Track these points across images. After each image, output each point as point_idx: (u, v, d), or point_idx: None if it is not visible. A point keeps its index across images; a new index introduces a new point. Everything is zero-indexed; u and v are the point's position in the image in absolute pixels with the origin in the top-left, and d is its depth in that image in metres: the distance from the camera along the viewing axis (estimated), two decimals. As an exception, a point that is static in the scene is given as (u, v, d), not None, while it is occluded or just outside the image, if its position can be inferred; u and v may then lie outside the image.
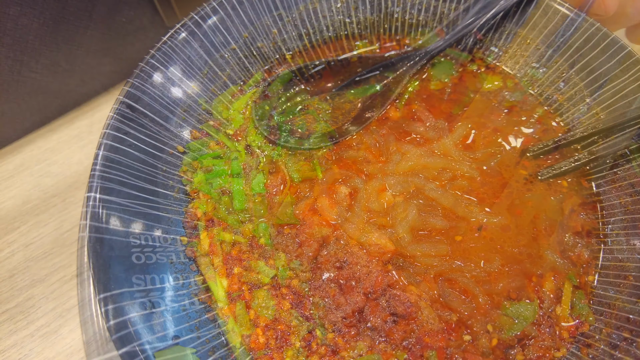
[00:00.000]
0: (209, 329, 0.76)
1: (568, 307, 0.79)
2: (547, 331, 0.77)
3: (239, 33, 0.99)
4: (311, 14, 1.06)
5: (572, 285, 0.81)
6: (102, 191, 0.75)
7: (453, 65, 1.07)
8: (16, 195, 1.09)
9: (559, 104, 0.99)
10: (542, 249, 0.85)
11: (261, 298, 0.79)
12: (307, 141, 0.95)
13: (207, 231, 0.85)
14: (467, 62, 1.07)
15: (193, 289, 0.79)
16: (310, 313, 0.79)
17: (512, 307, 0.79)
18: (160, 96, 0.89)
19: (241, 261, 0.83)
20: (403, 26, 1.09)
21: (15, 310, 0.94)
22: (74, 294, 0.96)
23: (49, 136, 1.19)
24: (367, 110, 1.00)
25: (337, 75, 1.03)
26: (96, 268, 0.69)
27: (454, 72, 1.06)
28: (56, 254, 1.01)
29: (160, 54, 0.89)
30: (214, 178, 0.89)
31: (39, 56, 1.08)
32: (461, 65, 1.07)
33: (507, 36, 1.03)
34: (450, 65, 1.07)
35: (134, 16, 1.18)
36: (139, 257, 0.75)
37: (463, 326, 0.79)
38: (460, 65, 1.07)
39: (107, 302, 0.67)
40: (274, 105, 1.00)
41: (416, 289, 0.81)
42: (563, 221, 0.88)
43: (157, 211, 0.82)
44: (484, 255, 0.84)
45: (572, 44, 0.95)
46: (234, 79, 1.01)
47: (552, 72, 0.99)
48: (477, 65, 1.07)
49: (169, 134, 0.89)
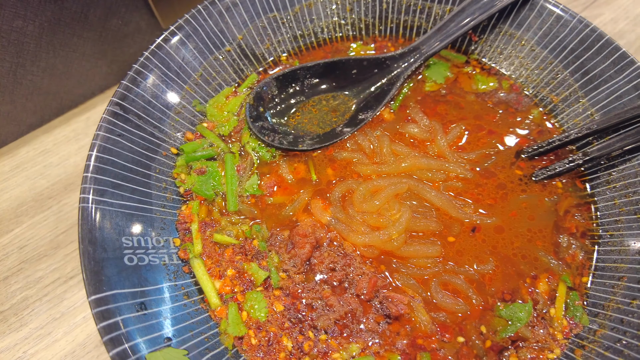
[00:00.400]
0: (202, 330, 0.75)
1: (562, 308, 0.79)
2: (541, 333, 0.77)
3: (234, 35, 1.00)
4: (306, 16, 1.06)
5: (566, 286, 0.81)
6: (95, 193, 0.75)
7: (448, 66, 1.07)
8: (11, 197, 1.09)
9: (554, 105, 0.99)
10: (536, 250, 0.84)
11: (253, 300, 0.79)
12: (301, 143, 0.95)
13: (200, 233, 0.85)
14: (462, 63, 1.07)
15: (186, 290, 0.79)
16: (302, 315, 0.79)
17: (506, 308, 0.79)
18: (153, 97, 0.89)
19: (234, 263, 0.83)
20: (398, 28, 1.10)
21: (8, 312, 0.94)
22: (68, 296, 0.96)
23: (45, 138, 1.19)
24: (361, 112, 1.00)
25: (331, 77, 1.03)
26: (88, 270, 0.69)
27: (449, 73, 1.06)
28: (51, 256, 1.01)
29: (153, 55, 0.89)
30: (207, 180, 0.89)
31: (37, 59, 1.08)
32: (456, 66, 1.07)
33: (502, 37, 1.03)
34: (445, 66, 1.07)
35: (130, 18, 1.18)
36: (131, 258, 0.75)
37: (456, 328, 0.78)
38: (455, 67, 1.07)
39: (99, 304, 0.66)
40: (268, 106, 1.00)
41: (409, 291, 0.81)
42: (558, 222, 0.87)
43: (150, 213, 0.82)
44: (478, 256, 0.84)
45: (567, 45, 0.95)
46: (228, 80, 1.01)
47: (547, 73, 0.99)
48: (472, 67, 1.07)
49: (162, 135, 0.89)
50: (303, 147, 0.94)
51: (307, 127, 0.99)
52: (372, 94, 1.02)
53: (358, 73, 1.02)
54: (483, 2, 0.97)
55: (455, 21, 0.98)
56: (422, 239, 0.86)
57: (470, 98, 1.02)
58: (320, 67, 1.00)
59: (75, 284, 0.98)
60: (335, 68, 1.01)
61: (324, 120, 1.00)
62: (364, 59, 1.01)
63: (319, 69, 1.00)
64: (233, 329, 0.77)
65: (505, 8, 0.99)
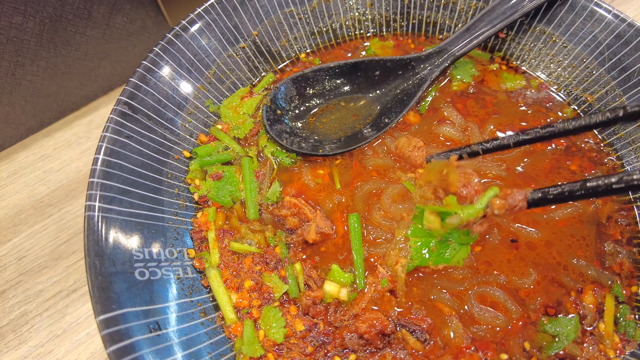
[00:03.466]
0: (222, 352, 0.69)
1: (612, 323, 0.72)
2: (591, 350, 0.70)
3: (248, 31, 0.94)
4: (324, 11, 1.00)
5: (614, 298, 0.75)
6: (102, 200, 0.69)
7: (473, 64, 1.01)
8: (9, 204, 1.02)
9: (589, 104, 0.93)
10: (580, 259, 0.78)
11: (270, 317, 0.72)
12: (322, 147, 0.89)
13: (217, 242, 0.78)
14: (486, 61, 1.02)
15: (202, 307, 0.72)
16: (326, 337, 0.72)
17: (550, 323, 0.72)
18: (164, 96, 0.82)
19: (253, 273, 0.76)
20: (420, 24, 1.04)
21: (6, 328, 0.87)
22: (71, 310, 0.89)
23: (45, 142, 1.12)
24: (385, 115, 0.94)
25: (352, 79, 0.96)
26: (95, 286, 0.62)
27: (475, 71, 1.00)
28: (51, 268, 0.94)
29: (164, 52, 0.83)
30: (224, 185, 0.82)
31: (37, 58, 1.02)
32: (481, 64, 1.02)
33: (532, 34, 0.98)
34: (470, 64, 1.01)
35: (136, 16, 1.12)
36: (142, 272, 0.68)
37: (497, 344, 0.72)
38: (479, 64, 1.02)
39: (108, 325, 0.59)
40: (286, 109, 0.93)
41: (445, 308, 0.74)
42: (600, 230, 0.81)
43: (162, 222, 0.75)
44: (518, 267, 0.78)
45: (602, 41, 0.90)
46: (243, 79, 0.95)
47: (580, 71, 0.94)
48: (498, 64, 1.01)
49: (174, 138, 0.83)
50: (325, 152, 0.88)
51: (328, 131, 0.93)
52: (397, 96, 0.96)
53: (381, 74, 0.96)
54: (514, 2, 0.92)
55: (485, 21, 0.93)
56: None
57: (502, 97, 0.97)
58: (340, 68, 0.94)
59: (77, 298, 0.91)
60: (357, 69, 0.95)
61: (345, 123, 0.94)
62: (388, 59, 0.94)
63: (339, 70, 0.94)
64: (248, 348, 0.70)
65: (539, 7, 0.93)
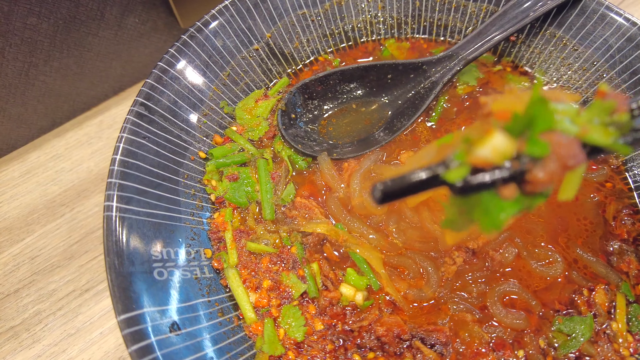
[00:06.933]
0: (240, 351, 0.69)
1: (624, 322, 0.73)
2: (606, 349, 0.71)
3: (262, 33, 0.94)
4: (336, 13, 1.01)
5: (625, 298, 0.76)
6: (120, 200, 0.69)
7: (476, 66, 1.02)
8: (22, 204, 1.02)
9: (599, 106, 0.94)
10: (588, 259, 0.79)
11: (290, 316, 0.73)
12: (335, 151, 0.89)
13: (235, 242, 0.78)
14: (490, 63, 1.03)
15: (220, 307, 0.73)
16: (345, 335, 0.72)
17: (564, 321, 0.73)
18: (180, 97, 0.83)
19: (271, 273, 0.77)
20: (432, 27, 1.05)
21: (20, 327, 0.88)
22: (84, 310, 0.89)
23: (56, 142, 1.13)
24: (398, 119, 0.94)
25: (365, 82, 0.97)
26: (116, 285, 0.62)
27: (480, 74, 1.01)
28: (64, 267, 0.94)
29: (179, 53, 0.84)
30: (240, 187, 0.83)
31: (50, 59, 1.02)
32: (484, 65, 1.02)
33: (542, 37, 0.98)
34: (474, 67, 1.01)
35: (147, 17, 1.13)
36: (161, 272, 0.68)
37: (513, 342, 0.73)
38: (483, 66, 1.02)
39: (129, 324, 0.60)
40: (300, 113, 0.94)
41: (468, 315, 0.75)
42: (607, 229, 0.82)
43: (179, 222, 0.76)
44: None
45: (613, 44, 0.91)
46: (257, 81, 0.96)
47: (591, 74, 0.95)
48: (502, 66, 1.02)
49: (190, 139, 0.83)
50: (339, 156, 0.88)
51: (341, 134, 0.93)
52: (409, 100, 0.96)
53: (393, 78, 0.96)
54: (526, 6, 0.93)
55: (497, 25, 0.93)
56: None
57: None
58: (353, 71, 0.94)
59: (90, 297, 0.91)
60: (370, 72, 0.95)
61: (358, 127, 0.94)
62: (400, 63, 0.95)
63: (352, 74, 0.95)
64: (269, 347, 0.71)
65: (550, 10, 0.94)
